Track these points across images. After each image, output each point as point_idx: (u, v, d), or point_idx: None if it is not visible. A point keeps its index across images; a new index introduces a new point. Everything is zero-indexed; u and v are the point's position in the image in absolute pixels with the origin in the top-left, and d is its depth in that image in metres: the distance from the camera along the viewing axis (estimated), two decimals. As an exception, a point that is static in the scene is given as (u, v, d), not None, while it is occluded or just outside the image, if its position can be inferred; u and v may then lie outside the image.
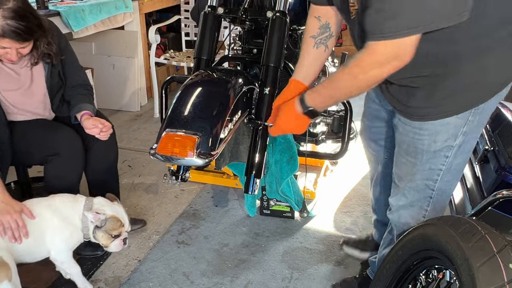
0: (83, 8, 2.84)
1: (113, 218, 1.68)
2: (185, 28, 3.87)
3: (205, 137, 1.27)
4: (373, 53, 1.07)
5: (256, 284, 1.87)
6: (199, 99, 1.36)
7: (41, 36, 1.72)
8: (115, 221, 1.69)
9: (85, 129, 1.83)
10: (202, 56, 1.71)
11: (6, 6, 1.58)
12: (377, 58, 1.08)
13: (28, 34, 1.64)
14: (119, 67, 3.60)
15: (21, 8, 1.61)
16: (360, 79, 1.15)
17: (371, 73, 1.11)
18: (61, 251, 1.67)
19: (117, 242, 1.71)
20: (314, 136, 2.11)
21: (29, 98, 1.87)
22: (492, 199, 1.38)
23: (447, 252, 1.13)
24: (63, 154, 1.81)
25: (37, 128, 1.89)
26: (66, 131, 1.88)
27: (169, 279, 1.88)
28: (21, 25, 1.60)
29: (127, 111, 3.72)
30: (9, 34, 1.59)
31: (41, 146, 1.83)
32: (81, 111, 1.86)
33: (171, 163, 1.39)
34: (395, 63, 1.07)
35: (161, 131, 1.31)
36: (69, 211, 1.67)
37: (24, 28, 1.61)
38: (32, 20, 1.65)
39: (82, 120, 1.84)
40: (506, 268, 0.97)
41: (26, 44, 1.67)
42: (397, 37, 1.00)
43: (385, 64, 1.08)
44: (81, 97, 1.92)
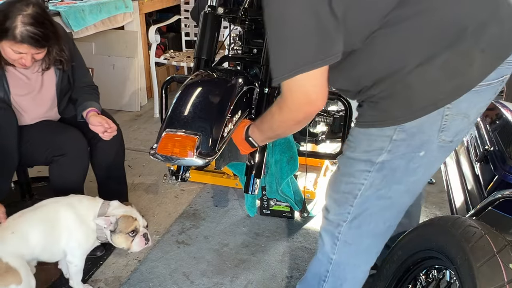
0: (83, 8, 2.84)
1: (124, 217, 1.66)
2: (185, 28, 3.87)
3: (205, 137, 1.27)
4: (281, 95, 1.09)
5: (256, 284, 1.87)
6: (199, 99, 1.36)
7: (55, 43, 1.74)
8: (126, 218, 1.66)
9: (90, 125, 1.83)
10: (202, 56, 1.71)
11: (25, 12, 1.59)
12: (282, 100, 1.09)
13: (45, 40, 1.66)
14: (119, 67, 3.60)
15: (40, 14, 1.63)
16: (275, 120, 1.16)
17: (283, 115, 1.12)
18: (75, 252, 1.66)
19: (137, 240, 1.67)
20: (314, 136, 2.12)
21: (38, 102, 1.89)
22: (492, 199, 1.38)
23: (447, 252, 1.13)
24: (69, 154, 1.82)
25: (44, 130, 1.89)
26: (72, 132, 1.89)
27: (169, 279, 1.88)
28: (40, 31, 1.61)
29: (127, 111, 3.72)
30: (28, 40, 1.60)
31: (47, 147, 1.83)
32: (87, 108, 1.87)
33: (171, 163, 1.39)
34: (305, 108, 1.07)
35: (161, 131, 1.31)
36: (85, 212, 1.66)
37: (42, 35, 1.62)
38: (49, 27, 1.67)
39: (88, 116, 1.85)
40: (506, 268, 0.97)
41: (42, 50, 1.69)
42: (283, 80, 1.01)
43: (284, 106, 1.09)
44: (88, 96, 1.94)
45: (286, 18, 0.97)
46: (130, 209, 1.72)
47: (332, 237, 1.24)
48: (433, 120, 1.05)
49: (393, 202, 1.18)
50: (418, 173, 1.14)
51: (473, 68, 1.02)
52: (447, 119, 1.06)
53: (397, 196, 1.17)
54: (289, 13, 0.96)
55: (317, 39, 0.97)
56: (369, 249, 1.26)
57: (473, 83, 1.03)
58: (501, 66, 1.05)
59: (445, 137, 1.09)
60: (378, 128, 1.09)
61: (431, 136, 1.08)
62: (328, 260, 1.27)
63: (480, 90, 1.05)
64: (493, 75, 1.05)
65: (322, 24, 0.96)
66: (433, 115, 1.04)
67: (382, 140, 1.10)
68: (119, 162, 2.05)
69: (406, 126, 1.06)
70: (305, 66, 0.98)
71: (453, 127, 1.08)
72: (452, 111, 1.05)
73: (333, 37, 0.98)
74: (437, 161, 1.17)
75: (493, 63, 1.04)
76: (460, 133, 1.11)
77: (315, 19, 0.95)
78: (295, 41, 0.98)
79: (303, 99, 1.05)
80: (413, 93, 1.03)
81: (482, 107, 1.12)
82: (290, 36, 0.98)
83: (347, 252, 1.25)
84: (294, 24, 0.97)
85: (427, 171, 1.17)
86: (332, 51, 0.99)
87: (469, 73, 1.02)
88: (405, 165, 1.11)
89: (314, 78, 1.00)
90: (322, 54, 0.98)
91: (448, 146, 1.12)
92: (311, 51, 0.98)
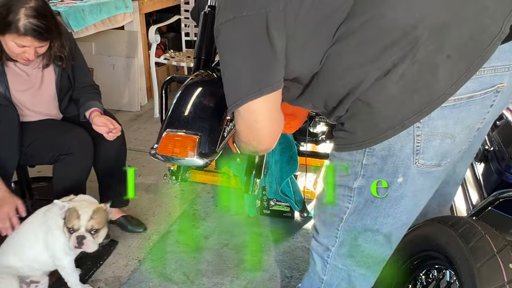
0: (83, 8, 2.84)
1: (72, 210, 1.60)
2: (185, 28, 3.87)
3: (205, 137, 1.27)
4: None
5: (256, 284, 1.87)
6: (199, 99, 1.36)
7: (56, 38, 1.75)
8: (72, 212, 1.59)
9: (94, 125, 1.84)
10: (202, 56, 1.71)
11: (28, 5, 1.59)
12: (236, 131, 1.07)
13: (48, 33, 1.66)
14: (119, 67, 3.60)
15: (42, 7, 1.64)
16: (238, 143, 1.14)
17: (239, 143, 1.11)
18: (57, 255, 1.66)
19: (72, 239, 1.58)
20: (314, 136, 2.11)
21: (38, 99, 1.89)
22: (492, 199, 1.38)
23: (447, 252, 1.13)
24: (76, 153, 1.83)
25: (49, 129, 1.90)
26: (77, 131, 1.90)
27: (169, 279, 1.88)
28: (43, 24, 1.62)
29: (127, 111, 3.72)
30: (31, 33, 1.60)
31: (53, 146, 1.84)
32: (90, 108, 1.88)
33: (172, 163, 1.39)
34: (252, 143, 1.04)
35: (162, 131, 1.31)
36: (53, 216, 1.65)
37: (45, 27, 1.63)
38: (51, 20, 1.67)
39: (91, 117, 1.85)
40: (506, 268, 0.97)
41: (45, 43, 1.69)
42: (231, 111, 0.98)
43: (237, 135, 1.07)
44: (90, 96, 1.95)
45: (225, 50, 0.94)
46: (88, 206, 1.63)
47: (322, 260, 1.19)
48: (404, 142, 0.94)
49: (384, 235, 1.08)
50: (404, 203, 1.02)
51: (437, 78, 0.88)
52: (419, 140, 0.94)
53: (386, 228, 1.07)
54: (227, 45, 0.93)
55: (252, 69, 0.92)
56: (363, 276, 1.18)
57: (442, 97, 0.89)
58: (485, 74, 0.90)
59: (424, 161, 0.96)
60: (348, 152, 1.01)
61: (405, 159, 0.96)
62: (320, 279, 1.22)
63: (459, 105, 0.91)
64: (473, 85, 0.90)
65: (257, 54, 0.91)
66: (403, 136, 0.93)
67: (354, 165, 1.02)
68: (121, 162, 2.05)
69: (375, 149, 0.96)
70: (241, 100, 0.93)
71: (432, 149, 0.95)
72: (424, 131, 0.93)
73: (270, 65, 0.92)
74: (427, 189, 1.04)
75: (467, 70, 0.88)
76: (447, 155, 0.98)
77: (251, 50, 0.91)
78: (232, 73, 0.95)
79: (248, 133, 1.01)
80: (375, 112, 0.93)
81: (472, 124, 0.97)
82: (229, 68, 0.95)
83: (338, 277, 1.18)
84: (232, 55, 0.93)
85: (417, 201, 1.05)
86: (269, 81, 0.93)
87: (434, 85, 0.89)
88: (383, 192, 1.01)
89: (255, 112, 0.95)
90: (257, 85, 0.92)
91: (435, 171, 0.99)
92: (247, 82, 0.93)
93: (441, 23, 0.85)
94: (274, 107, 0.98)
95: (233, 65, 0.94)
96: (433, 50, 0.86)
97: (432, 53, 0.86)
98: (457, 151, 1.00)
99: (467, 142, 1.01)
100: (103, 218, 1.64)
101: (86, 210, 1.60)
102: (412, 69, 0.88)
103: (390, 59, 0.88)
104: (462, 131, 0.96)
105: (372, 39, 0.88)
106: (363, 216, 1.06)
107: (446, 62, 0.87)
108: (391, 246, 1.13)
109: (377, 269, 1.19)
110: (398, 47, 0.86)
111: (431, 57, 0.87)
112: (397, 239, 1.13)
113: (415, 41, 0.85)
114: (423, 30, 0.85)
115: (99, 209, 1.63)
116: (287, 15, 0.88)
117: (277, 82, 0.94)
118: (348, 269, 1.16)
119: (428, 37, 0.85)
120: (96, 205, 1.65)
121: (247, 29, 0.89)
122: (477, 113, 0.95)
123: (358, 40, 0.88)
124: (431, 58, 0.87)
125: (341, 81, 0.94)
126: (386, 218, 1.05)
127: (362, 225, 1.07)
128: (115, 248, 2.05)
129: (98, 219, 1.60)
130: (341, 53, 0.91)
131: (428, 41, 0.85)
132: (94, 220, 1.59)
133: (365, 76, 0.90)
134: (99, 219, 1.61)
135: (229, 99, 0.97)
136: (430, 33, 0.85)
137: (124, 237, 2.12)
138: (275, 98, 0.96)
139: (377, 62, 0.88)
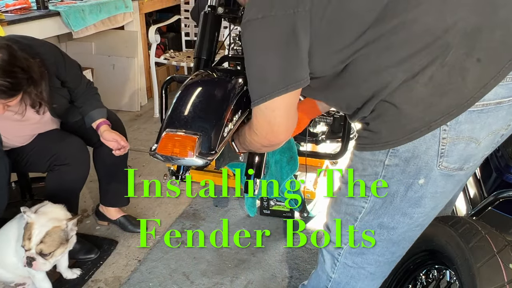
0: (83, 8, 2.84)
1: (29, 225, 1.51)
2: (185, 28, 3.87)
3: (205, 137, 1.27)
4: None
5: (256, 284, 1.86)
6: (199, 99, 1.36)
7: (31, 86, 1.57)
8: (28, 228, 1.51)
9: (103, 139, 1.82)
10: (202, 56, 1.71)
11: None
12: (251, 122, 1.11)
13: (15, 90, 1.50)
14: (119, 67, 3.60)
15: (8, 62, 1.45)
16: (247, 137, 1.20)
17: (251, 137, 1.16)
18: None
19: (24, 256, 1.51)
20: (314, 136, 2.11)
21: (21, 124, 1.76)
22: (492, 199, 1.38)
23: (447, 252, 1.13)
24: (71, 164, 1.81)
25: (46, 138, 1.87)
26: (75, 141, 1.87)
27: (169, 279, 1.88)
28: (7, 82, 1.45)
29: (127, 111, 3.72)
30: None
31: (50, 156, 1.82)
32: (96, 120, 1.85)
33: (171, 163, 1.39)
34: (268, 136, 1.08)
35: (161, 131, 1.31)
36: (19, 226, 1.61)
37: (10, 85, 1.46)
38: (20, 74, 1.49)
39: (100, 130, 1.83)
40: (506, 268, 0.97)
41: (13, 98, 1.52)
42: (255, 105, 1.02)
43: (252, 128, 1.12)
44: (91, 102, 1.88)
45: (252, 47, 0.98)
46: (45, 224, 1.53)
47: (332, 258, 1.20)
48: (429, 144, 0.95)
49: (399, 235, 1.09)
50: (423, 205, 1.03)
51: (466, 81, 0.89)
52: (445, 143, 0.94)
53: (402, 228, 1.07)
54: (255, 42, 0.96)
55: (278, 67, 0.95)
56: (372, 275, 1.18)
57: (470, 100, 0.90)
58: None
59: (447, 164, 0.96)
60: (371, 152, 1.02)
61: (428, 162, 0.96)
62: (328, 278, 1.23)
63: (487, 110, 0.91)
64: (502, 91, 0.90)
65: (283, 52, 0.94)
66: (428, 138, 0.94)
67: (375, 165, 1.02)
68: (122, 162, 2.05)
69: (399, 150, 0.97)
70: (267, 95, 0.97)
71: (456, 153, 0.95)
72: (450, 134, 0.93)
73: (295, 64, 0.95)
74: (447, 192, 1.04)
75: (496, 74, 0.88)
76: (470, 159, 0.98)
77: (278, 48, 0.94)
78: (259, 70, 0.98)
79: (266, 127, 1.05)
80: (402, 113, 0.94)
81: (497, 130, 0.96)
82: (255, 65, 0.98)
83: (347, 274, 1.19)
84: (258, 53, 0.97)
85: (436, 203, 1.05)
86: (294, 78, 0.96)
87: (463, 88, 0.89)
88: (403, 193, 1.02)
89: (277, 108, 0.99)
90: (283, 82, 0.96)
91: (457, 175, 0.99)
92: (273, 79, 0.96)
93: (472, 27, 0.86)
94: (294, 105, 1.03)
95: (260, 62, 0.98)
96: (464, 54, 0.87)
97: (462, 56, 0.87)
98: (480, 156, 1.00)
99: (491, 147, 1.01)
100: (57, 240, 1.54)
101: (40, 231, 1.51)
102: (441, 72, 0.89)
103: (419, 62, 0.89)
104: (487, 136, 0.96)
105: (403, 43, 0.89)
106: (380, 215, 1.07)
107: (476, 66, 0.88)
108: (404, 246, 1.14)
109: (387, 270, 1.20)
110: (428, 51, 0.88)
111: (461, 61, 0.88)
112: (411, 240, 1.13)
113: (446, 45, 0.87)
114: (454, 35, 0.86)
115: (54, 230, 1.53)
116: (313, 15, 0.91)
117: (302, 80, 0.97)
118: (358, 266, 1.17)
119: (459, 41, 0.86)
120: (53, 224, 1.54)
121: (275, 29, 0.93)
122: (503, 119, 0.96)
123: (388, 43, 0.90)
124: (461, 62, 0.88)
125: (366, 83, 0.97)
126: (403, 217, 1.05)
127: (378, 223, 1.08)
128: (115, 248, 2.05)
129: (49, 242, 1.51)
130: (369, 55, 0.93)
131: (459, 45, 0.87)
132: (44, 244, 1.50)
133: (392, 78, 0.92)
134: (51, 242, 1.52)
135: (254, 93, 1.00)
136: (461, 38, 0.86)
137: (124, 237, 2.12)
138: (296, 96, 1.00)
139: (405, 64, 0.90)
